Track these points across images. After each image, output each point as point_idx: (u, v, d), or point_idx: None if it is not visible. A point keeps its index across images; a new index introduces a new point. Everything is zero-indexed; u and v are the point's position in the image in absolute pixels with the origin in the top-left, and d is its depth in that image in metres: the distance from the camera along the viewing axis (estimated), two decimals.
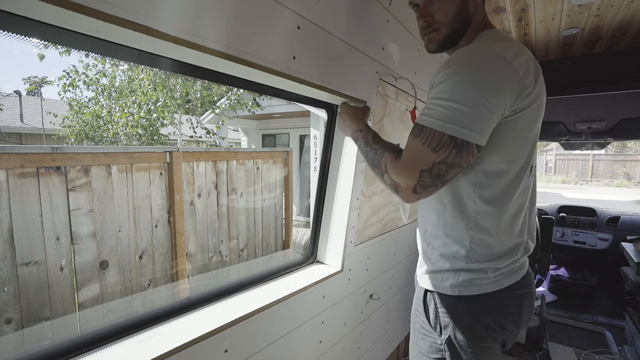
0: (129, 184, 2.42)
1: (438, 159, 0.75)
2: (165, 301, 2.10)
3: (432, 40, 0.93)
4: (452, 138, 0.74)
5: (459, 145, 0.74)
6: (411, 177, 0.78)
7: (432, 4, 0.90)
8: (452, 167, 0.76)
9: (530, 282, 0.96)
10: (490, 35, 0.86)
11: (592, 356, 2.36)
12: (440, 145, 0.74)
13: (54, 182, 2.01)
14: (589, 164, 17.74)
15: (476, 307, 0.89)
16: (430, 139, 0.75)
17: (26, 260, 1.89)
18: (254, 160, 3.59)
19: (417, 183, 0.77)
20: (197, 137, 6.56)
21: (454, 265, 0.90)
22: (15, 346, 1.84)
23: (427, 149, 0.75)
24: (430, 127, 0.75)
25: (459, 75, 0.75)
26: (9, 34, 0.57)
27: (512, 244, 0.89)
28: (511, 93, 0.75)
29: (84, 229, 2.15)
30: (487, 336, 0.90)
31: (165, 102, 5.40)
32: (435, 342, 0.93)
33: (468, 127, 0.73)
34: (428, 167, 0.76)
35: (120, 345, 0.82)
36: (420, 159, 0.77)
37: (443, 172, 0.76)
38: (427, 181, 0.77)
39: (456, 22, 0.89)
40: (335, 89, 1.12)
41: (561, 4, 1.46)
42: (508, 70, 0.75)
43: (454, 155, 0.74)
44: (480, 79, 0.75)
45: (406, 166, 0.80)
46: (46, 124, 7.93)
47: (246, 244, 3.56)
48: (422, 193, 0.79)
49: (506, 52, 0.76)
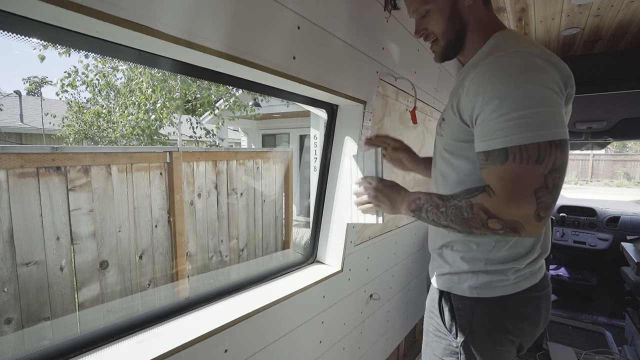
0: (129, 184, 2.42)
1: (547, 169, 0.67)
2: (165, 301, 2.10)
3: (435, 52, 0.96)
4: (549, 143, 0.67)
5: (559, 146, 0.67)
6: (529, 203, 0.68)
7: (423, 18, 0.92)
8: (562, 171, 0.69)
9: (548, 284, 0.95)
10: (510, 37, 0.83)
11: (592, 356, 2.36)
12: (542, 154, 0.67)
13: (54, 182, 2.01)
14: (589, 164, 17.73)
15: (495, 310, 0.87)
16: (526, 154, 0.67)
17: (26, 260, 1.89)
18: (254, 160, 3.59)
19: (537, 207, 0.68)
20: (197, 138, 6.56)
21: (473, 267, 0.88)
22: (15, 346, 1.84)
23: (528, 165, 0.67)
24: (518, 144, 0.68)
25: (516, 83, 0.70)
26: (9, 34, 0.57)
27: (531, 243, 0.88)
28: (562, 89, 0.73)
29: (84, 229, 2.15)
30: (505, 340, 0.88)
31: (164, 103, 5.40)
32: (451, 345, 0.91)
33: (556, 125, 0.68)
34: (541, 183, 0.67)
35: (120, 345, 0.82)
36: (528, 179, 0.68)
37: (557, 180, 0.68)
38: (547, 198, 0.68)
39: (449, 31, 0.90)
40: (335, 89, 1.12)
41: (561, 4, 1.46)
42: (550, 67, 0.72)
43: (560, 158, 0.67)
44: (537, 79, 0.70)
45: (517, 195, 0.69)
46: (46, 124, 7.93)
47: (246, 244, 3.56)
48: (545, 216, 0.69)
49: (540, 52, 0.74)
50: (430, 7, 0.89)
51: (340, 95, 1.16)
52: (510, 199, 0.70)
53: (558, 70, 0.73)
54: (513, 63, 0.73)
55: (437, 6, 0.88)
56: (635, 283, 2.35)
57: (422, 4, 0.90)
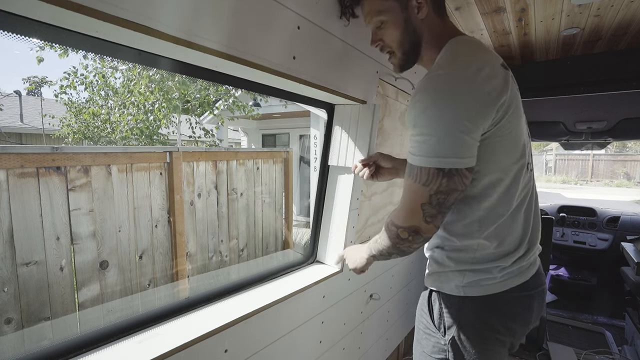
0: (129, 184, 2.42)
1: (432, 191, 0.77)
2: (165, 301, 2.10)
3: (393, 64, 1.00)
4: (438, 170, 0.75)
5: (447, 174, 0.75)
6: (416, 213, 0.79)
7: (379, 30, 0.95)
8: (449, 193, 0.77)
9: (542, 282, 0.95)
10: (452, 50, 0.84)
11: (592, 356, 2.36)
12: (430, 179, 0.76)
13: (54, 182, 2.01)
14: (589, 164, 17.74)
15: (482, 308, 0.88)
16: (419, 175, 0.77)
17: (26, 260, 1.89)
18: (254, 160, 3.59)
19: (423, 215, 0.79)
20: (196, 137, 6.56)
21: (459, 266, 0.90)
22: (15, 346, 1.84)
23: (419, 185, 0.78)
24: (418, 165, 0.78)
25: (428, 107, 0.76)
26: (9, 34, 0.57)
27: (516, 241, 0.89)
28: (484, 110, 0.75)
29: (84, 229, 2.15)
30: (493, 338, 0.89)
31: (161, 104, 5.40)
32: (439, 342, 0.93)
33: (450, 156, 0.75)
34: (426, 200, 0.77)
35: (120, 345, 0.82)
36: (417, 196, 0.79)
37: (442, 200, 0.77)
38: (431, 211, 0.78)
39: (404, 43, 0.92)
40: (335, 89, 1.12)
41: (561, 4, 1.45)
42: (475, 90, 0.75)
43: (445, 184, 0.76)
44: (449, 105, 0.74)
45: (408, 206, 0.81)
46: (46, 124, 7.93)
47: (246, 244, 3.56)
48: (434, 221, 0.80)
49: (470, 70, 0.76)
50: (385, 18, 0.92)
51: (340, 95, 1.16)
52: (404, 208, 0.82)
53: (492, 83, 0.75)
54: (437, 85, 0.77)
55: (392, 19, 0.91)
56: (635, 283, 2.35)
57: (377, 14, 0.92)
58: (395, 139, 1.65)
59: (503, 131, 0.80)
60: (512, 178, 0.85)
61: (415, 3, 0.88)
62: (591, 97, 2.23)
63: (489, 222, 0.86)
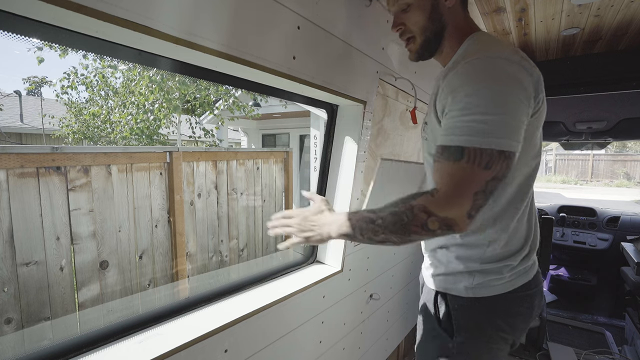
0: (129, 184, 2.42)
1: (490, 176, 0.69)
2: (165, 301, 2.09)
3: (411, 51, 0.94)
4: (500, 152, 0.69)
5: (507, 158, 0.70)
6: (465, 203, 0.70)
7: (403, 13, 0.90)
8: (501, 180, 0.72)
9: (540, 280, 0.96)
10: (484, 40, 0.84)
11: (592, 356, 2.36)
12: (492, 161, 0.69)
13: (54, 182, 2.00)
14: (589, 164, 17.74)
15: (490, 309, 0.88)
16: (479, 158, 0.69)
17: (26, 260, 1.89)
18: (254, 160, 3.59)
19: (471, 207, 0.70)
20: (197, 138, 6.56)
21: (468, 267, 0.89)
22: (15, 346, 1.84)
23: (478, 168, 0.69)
24: (475, 147, 0.70)
25: (486, 87, 0.71)
26: (9, 34, 0.57)
27: (522, 239, 0.89)
28: (531, 96, 0.74)
29: (84, 229, 2.15)
30: (499, 337, 0.89)
31: (161, 104, 5.39)
32: (446, 345, 0.91)
33: (512, 138, 0.70)
34: (482, 187, 0.70)
35: (120, 345, 0.82)
36: (472, 181, 0.70)
37: (494, 187, 0.71)
38: (482, 201, 0.71)
39: (428, 30, 0.88)
40: (335, 89, 1.12)
41: (561, 4, 1.46)
42: (523, 74, 0.73)
43: (505, 169, 0.70)
44: (506, 87, 0.71)
45: (457, 194, 0.71)
46: (46, 124, 7.93)
47: (246, 244, 3.56)
48: (476, 215, 0.72)
49: (513, 56, 0.75)
50: (412, 1, 0.87)
51: (340, 95, 1.16)
52: (452, 196, 0.71)
53: (530, 75, 0.74)
54: (486, 67, 0.74)
55: (419, 2, 0.87)
56: (635, 283, 2.35)
57: None
58: (395, 138, 1.65)
59: (532, 126, 0.79)
60: (528, 174, 0.85)
61: None
62: (591, 97, 2.23)
63: (503, 219, 0.85)
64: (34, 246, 1.92)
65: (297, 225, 0.89)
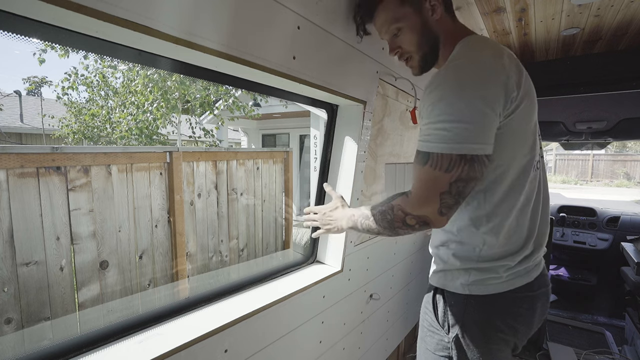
0: (129, 184, 2.42)
1: (452, 178, 0.76)
2: (165, 301, 2.09)
3: (412, 67, 1.01)
4: (461, 156, 0.75)
5: (469, 161, 0.75)
6: (433, 202, 0.78)
7: (396, 38, 0.96)
8: (468, 181, 0.77)
9: (546, 283, 0.96)
10: (467, 44, 0.86)
11: (592, 356, 2.37)
12: (452, 165, 0.75)
13: (54, 182, 2.00)
14: (589, 164, 17.74)
15: (486, 307, 0.89)
16: (440, 162, 0.76)
17: (26, 260, 1.89)
18: (254, 160, 3.59)
19: (440, 205, 0.78)
20: (197, 138, 6.56)
21: (465, 264, 0.90)
22: (15, 346, 1.84)
23: (440, 172, 0.76)
24: (437, 152, 0.76)
25: (447, 96, 0.76)
26: (9, 34, 0.57)
27: (521, 240, 0.89)
28: (499, 99, 0.77)
29: (84, 229, 2.15)
30: (497, 338, 0.89)
31: (160, 104, 5.39)
32: (443, 340, 0.93)
33: (472, 142, 0.75)
34: (446, 188, 0.76)
35: (120, 345, 0.82)
36: (436, 183, 0.77)
37: (461, 188, 0.77)
38: (449, 201, 0.77)
39: (423, 46, 0.93)
40: (335, 89, 1.12)
41: (561, 4, 1.46)
42: (491, 78, 0.77)
43: (467, 171, 0.76)
44: (468, 94, 0.76)
45: (424, 194, 0.79)
46: (46, 124, 7.93)
47: (246, 244, 3.56)
48: (448, 212, 0.79)
49: (486, 60, 0.79)
50: (402, 25, 0.93)
51: (340, 95, 1.16)
52: (420, 196, 0.80)
53: (503, 75, 0.77)
54: (452, 74, 0.79)
55: (408, 24, 0.92)
56: (635, 283, 2.35)
57: (393, 22, 0.94)
58: (395, 138, 1.65)
59: (514, 123, 0.81)
60: (518, 173, 0.85)
61: (428, 5, 0.90)
62: (591, 97, 2.23)
63: (496, 218, 0.86)
64: (34, 246, 1.92)
65: (320, 220, 1.13)
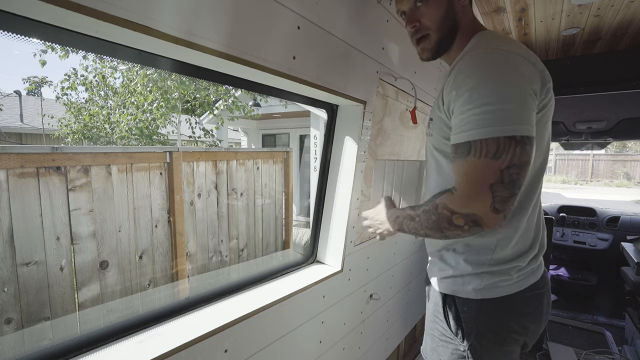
0: (129, 184, 2.42)
1: (503, 165, 0.67)
2: (165, 301, 2.10)
3: (424, 49, 0.93)
4: (509, 138, 0.67)
5: (520, 143, 0.67)
6: (484, 197, 0.68)
7: (418, 10, 0.89)
8: (522, 167, 0.68)
9: (547, 280, 0.96)
10: (489, 36, 0.85)
11: (592, 356, 2.36)
12: (500, 150, 0.67)
13: (54, 182, 2.00)
14: (589, 164, 17.74)
15: (499, 310, 0.87)
16: (486, 149, 0.68)
17: (26, 260, 1.89)
18: (254, 160, 3.59)
19: (493, 200, 0.68)
20: (197, 138, 6.56)
21: (477, 268, 0.87)
22: (15, 346, 1.84)
23: (487, 159, 0.68)
24: (480, 139, 0.69)
25: (486, 80, 0.71)
26: (9, 34, 0.57)
27: (530, 239, 0.88)
28: (538, 86, 0.74)
29: (84, 229, 2.15)
30: (511, 339, 0.88)
31: (160, 103, 5.39)
32: (458, 349, 0.90)
33: (519, 122, 0.68)
34: (497, 178, 0.68)
35: (120, 345, 0.82)
36: (484, 174, 0.68)
37: (515, 176, 0.68)
38: (503, 193, 0.68)
39: (444, 27, 0.88)
40: (335, 89, 1.12)
41: (561, 4, 1.46)
42: (528, 66, 0.73)
43: (519, 155, 0.67)
44: (509, 76, 0.71)
45: (472, 189, 0.70)
46: (46, 124, 7.93)
47: (246, 244, 3.56)
48: (504, 209, 0.69)
49: (517, 49, 0.75)
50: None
51: (340, 95, 1.16)
52: (467, 193, 0.71)
53: (534, 66, 0.75)
54: (488, 60, 0.74)
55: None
56: (635, 283, 2.35)
57: None
58: (395, 138, 1.65)
59: (543, 119, 0.79)
60: (537, 172, 0.84)
61: None
62: (591, 97, 2.23)
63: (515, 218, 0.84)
64: (34, 246, 1.92)
65: (371, 225, 1.09)
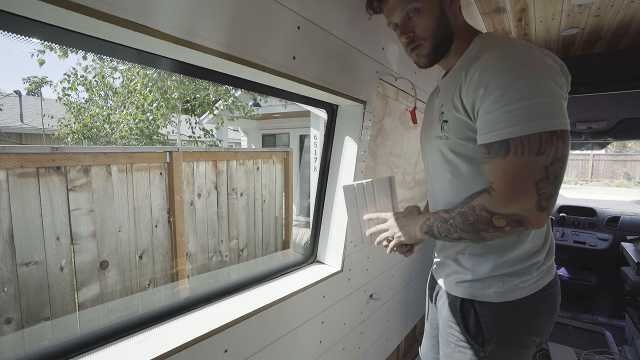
0: (129, 184, 2.42)
1: (548, 160, 0.66)
2: (165, 301, 2.10)
3: (420, 56, 0.91)
4: (551, 133, 0.66)
5: (561, 137, 0.66)
6: (529, 196, 0.67)
7: (411, 21, 0.87)
8: (564, 161, 0.67)
9: (558, 279, 0.95)
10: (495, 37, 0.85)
11: (592, 356, 2.36)
12: (543, 145, 0.66)
13: (54, 182, 2.00)
14: (589, 164, 17.73)
15: (519, 312, 0.86)
16: (527, 146, 0.66)
17: (26, 260, 1.89)
18: (254, 160, 3.59)
19: (538, 198, 0.67)
20: (197, 138, 6.56)
21: (495, 270, 0.85)
22: (15, 346, 1.84)
23: (530, 157, 0.66)
24: (519, 136, 0.67)
25: (518, 74, 0.69)
26: (9, 34, 0.57)
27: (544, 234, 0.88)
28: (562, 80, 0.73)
29: (84, 229, 2.15)
30: (529, 341, 0.87)
31: (159, 103, 5.39)
32: (478, 355, 0.88)
33: (557, 116, 0.67)
34: (542, 174, 0.67)
35: (120, 345, 0.82)
36: (529, 172, 0.67)
37: (559, 170, 0.67)
38: (549, 189, 0.67)
39: (438, 34, 0.87)
40: (335, 89, 1.12)
41: (561, 4, 1.46)
42: (549, 59, 0.73)
43: (562, 149, 0.66)
44: (539, 71, 0.69)
45: (515, 189, 0.69)
46: (46, 124, 7.94)
47: (246, 244, 3.56)
48: (549, 206, 0.68)
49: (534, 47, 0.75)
50: (420, 5, 0.85)
51: (340, 95, 1.16)
52: (510, 193, 0.70)
53: (555, 61, 0.74)
54: (515, 55, 0.72)
55: (427, 5, 0.85)
56: (635, 283, 2.35)
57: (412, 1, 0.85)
58: (395, 138, 1.65)
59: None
60: None
61: None
62: (591, 97, 2.23)
63: None
64: (34, 246, 1.92)
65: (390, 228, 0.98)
